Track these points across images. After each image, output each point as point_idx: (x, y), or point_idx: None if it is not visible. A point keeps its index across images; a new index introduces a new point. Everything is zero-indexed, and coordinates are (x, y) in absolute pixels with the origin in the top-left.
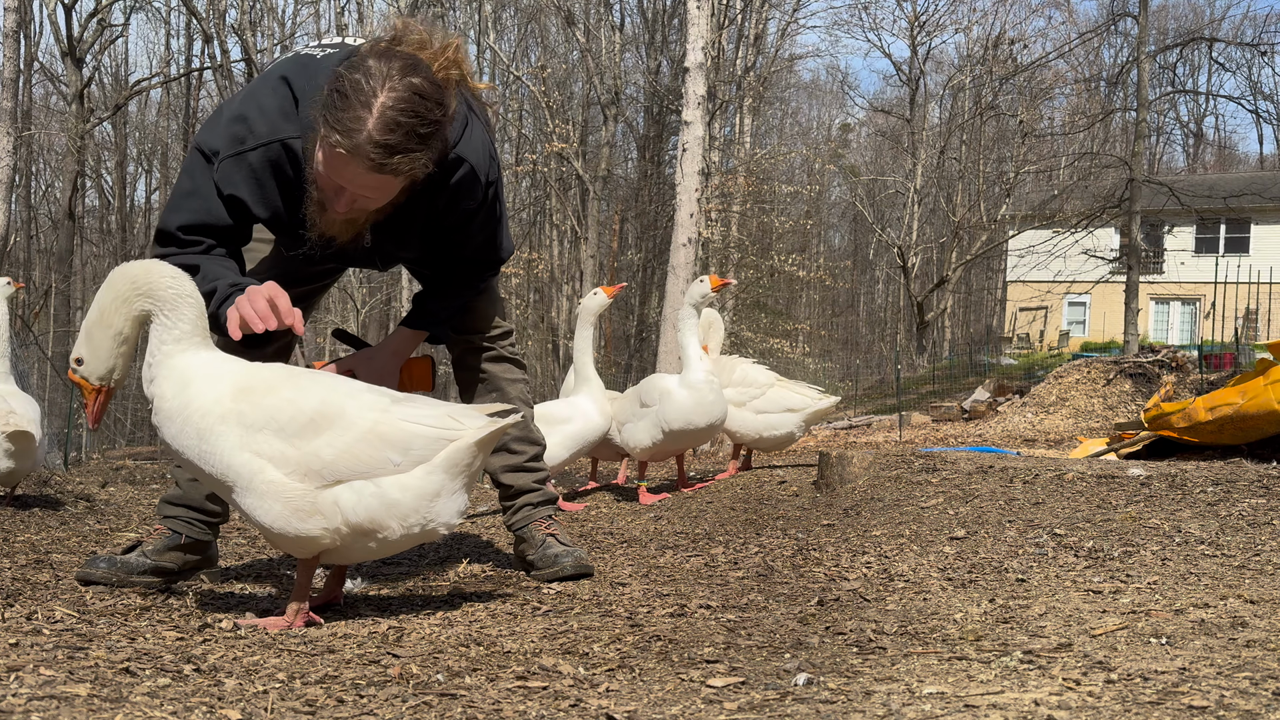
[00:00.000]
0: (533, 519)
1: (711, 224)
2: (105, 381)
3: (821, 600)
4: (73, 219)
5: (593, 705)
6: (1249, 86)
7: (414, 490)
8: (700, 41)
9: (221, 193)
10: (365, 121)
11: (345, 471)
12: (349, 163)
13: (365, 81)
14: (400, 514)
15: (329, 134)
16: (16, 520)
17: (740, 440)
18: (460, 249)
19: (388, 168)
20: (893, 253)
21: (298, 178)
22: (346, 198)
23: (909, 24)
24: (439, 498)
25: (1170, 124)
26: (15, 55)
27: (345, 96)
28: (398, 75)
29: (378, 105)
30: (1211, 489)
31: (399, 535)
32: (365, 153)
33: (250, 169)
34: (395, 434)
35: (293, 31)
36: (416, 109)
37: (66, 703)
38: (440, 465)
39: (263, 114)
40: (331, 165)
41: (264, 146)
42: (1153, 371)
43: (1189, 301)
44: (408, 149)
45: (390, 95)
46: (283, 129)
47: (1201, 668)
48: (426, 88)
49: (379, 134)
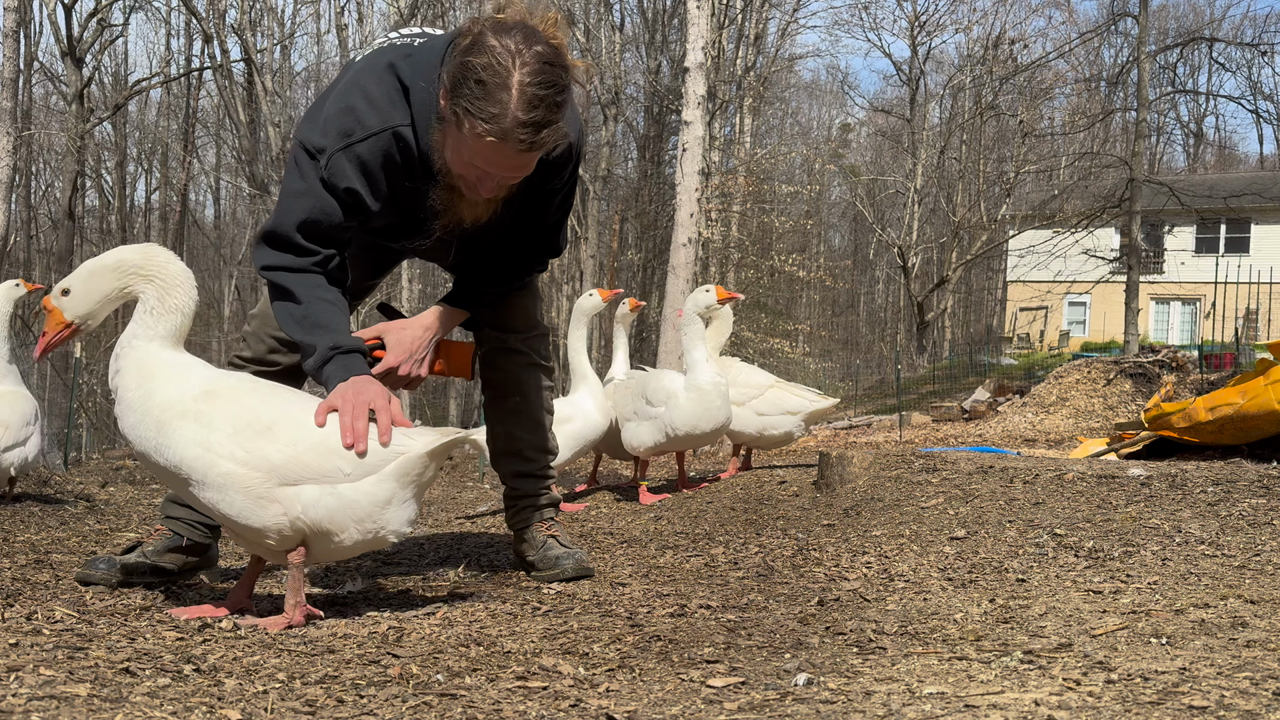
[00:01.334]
0: (535, 520)
1: (711, 224)
2: (79, 321)
3: (821, 600)
4: (73, 219)
5: (593, 705)
6: (1249, 86)
7: (368, 495)
8: (700, 41)
9: (335, 188)
10: (508, 104)
11: (293, 477)
12: (498, 148)
13: (496, 62)
14: (356, 516)
15: (474, 124)
16: (16, 520)
17: (740, 440)
18: (530, 228)
19: (537, 145)
20: (893, 253)
21: (408, 169)
22: (492, 181)
23: (909, 24)
24: (390, 505)
25: (1170, 124)
26: (15, 55)
27: (482, 84)
28: (525, 47)
29: (515, 84)
30: (1212, 489)
31: (355, 539)
32: (515, 136)
33: (360, 161)
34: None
35: (292, 31)
36: (550, 78)
37: (66, 703)
38: (392, 474)
39: (371, 104)
40: (479, 154)
41: (374, 136)
42: (1153, 371)
43: (1189, 301)
44: (550, 121)
45: (524, 71)
46: (392, 117)
47: (1202, 668)
48: (550, 53)
49: (524, 114)
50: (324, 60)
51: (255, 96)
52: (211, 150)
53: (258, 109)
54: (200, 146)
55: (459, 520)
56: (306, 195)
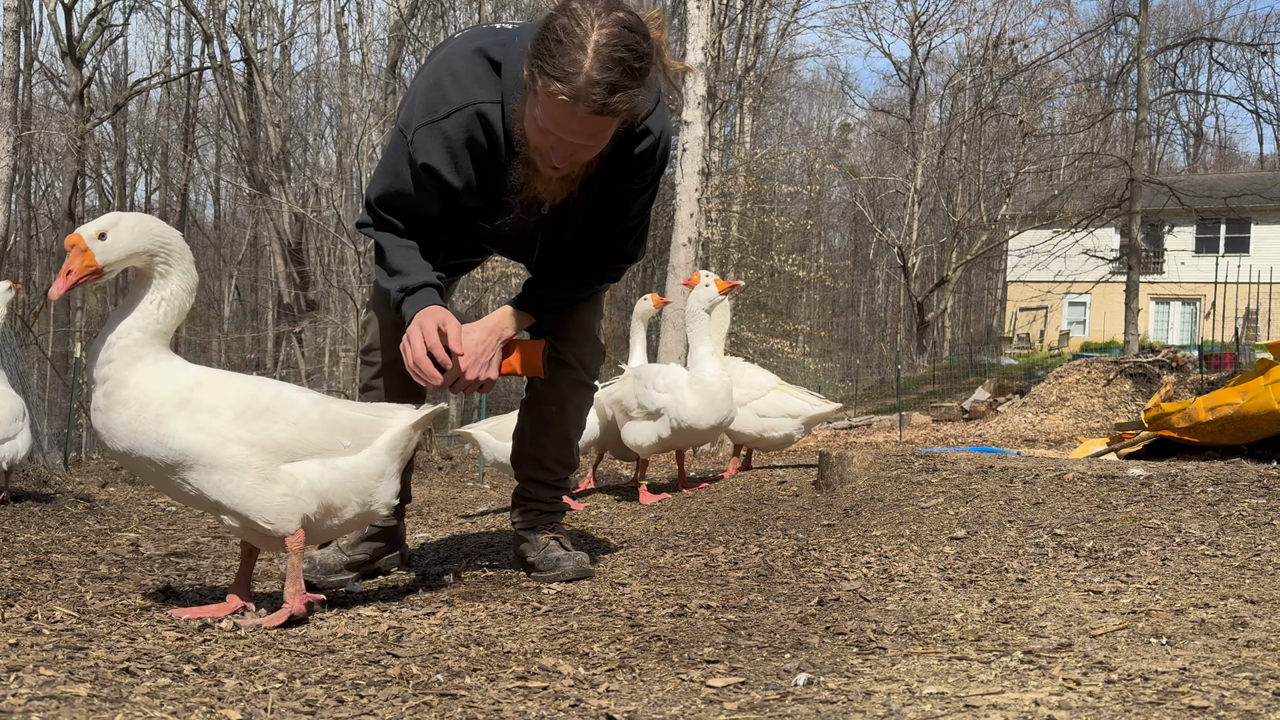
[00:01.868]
0: (539, 524)
1: (711, 224)
2: (106, 268)
3: (821, 600)
4: (73, 219)
5: (593, 705)
6: (1249, 86)
7: (365, 467)
8: (700, 41)
9: (415, 162)
10: (582, 63)
11: (300, 453)
12: (570, 109)
13: (575, 24)
14: (357, 488)
15: (548, 82)
16: (16, 520)
17: (740, 440)
18: (607, 227)
19: (609, 108)
20: (893, 253)
21: (492, 146)
22: (564, 150)
23: (909, 24)
24: (383, 478)
25: (1170, 124)
26: (15, 55)
27: (559, 42)
28: (605, 12)
29: (592, 44)
30: (1212, 489)
31: (354, 512)
32: (587, 94)
33: (445, 136)
34: (344, 420)
35: (292, 31)
36: (628, 43)
37: (66, 703)
38: (383, 447)
39: (456, 81)
40: (551, 115)
41: (458, 112)
42: (1153, 371)
43: (1189, 301)
44: (625, 85)
45: (602, 33)
46: (477, 94)
47: (1202, 668)
48: (632, 20)
49: (598, 73)
50: (324, 60)
51: (255, 96)
52: (211, 150)
53: (258, 109)
54: (200, 146)
55: (459, 520)
56: (387, 173)
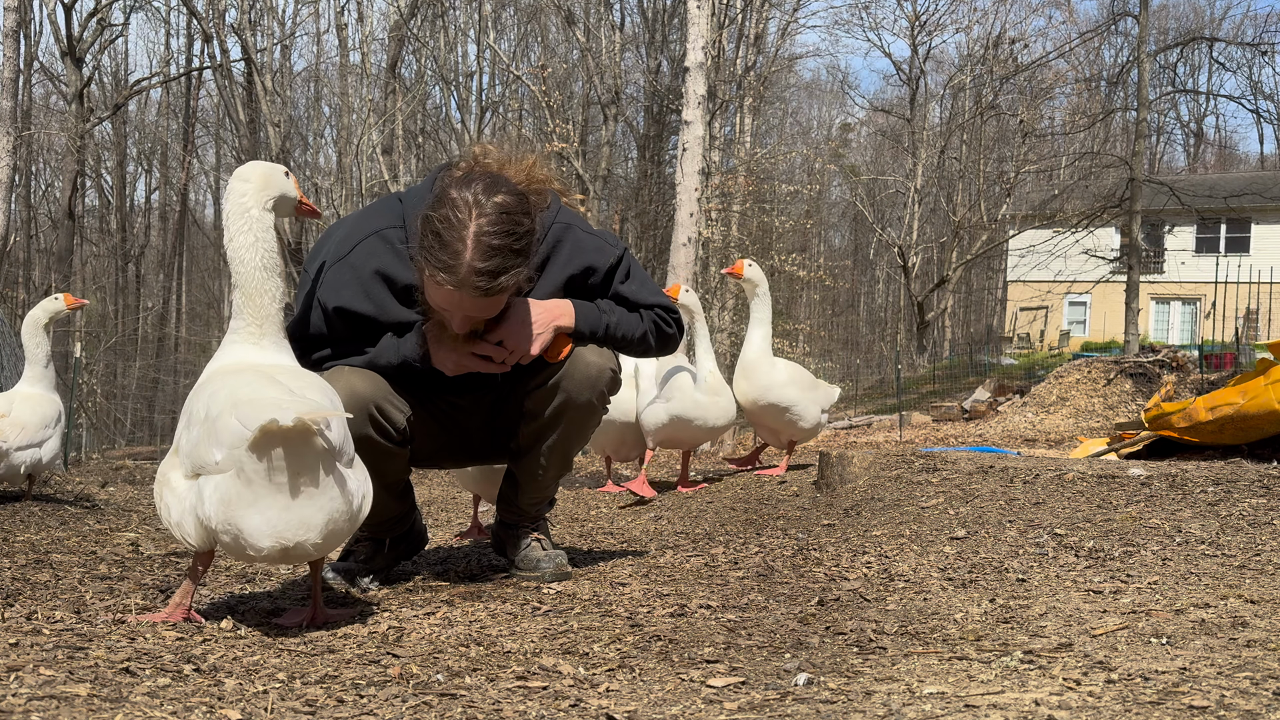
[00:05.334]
0: (522, 523)
1: (711, 224)
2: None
3: (822, 600)
4: (72, 219)
5: (593, 705)
6: (1249, 86)
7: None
8: (700, 41)
9: (326, 306)
10: (462, 255)
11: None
12: (455, 294)
13: (454, 215)
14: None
15: (433, 273)
16: (16, 520)
17: (791, 433)
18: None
19: (494, 290)
20: (893, 252)
21: (403, 266)
22: (460, 319)
23: (909, 23)
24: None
25: (1171, 124)
26: (15, 55)
27: (438, 235)
28: (484, 198)
29: (470, 235)
30: (1212, 489)
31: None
32: (471, 283)
33: (353, 268)
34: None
35: (292, 31)
36: (507, 227)
37: (66, 703)
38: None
39: (358, 223)
40: (440, 300)
41: (362, 241)
42: (1153, 371)
43: (1189, 301)
44: (508, 267)
45: (479, 222)
46: (379, 223)
47: (1202, 668)
48: (511, 202)
49: (480, 262)
50: (324, 60)
51: (255, 96)
52: (211, 150)
53: (257, 109)
54: (200, 146)
55: (459, 521)
56: (300, 324)
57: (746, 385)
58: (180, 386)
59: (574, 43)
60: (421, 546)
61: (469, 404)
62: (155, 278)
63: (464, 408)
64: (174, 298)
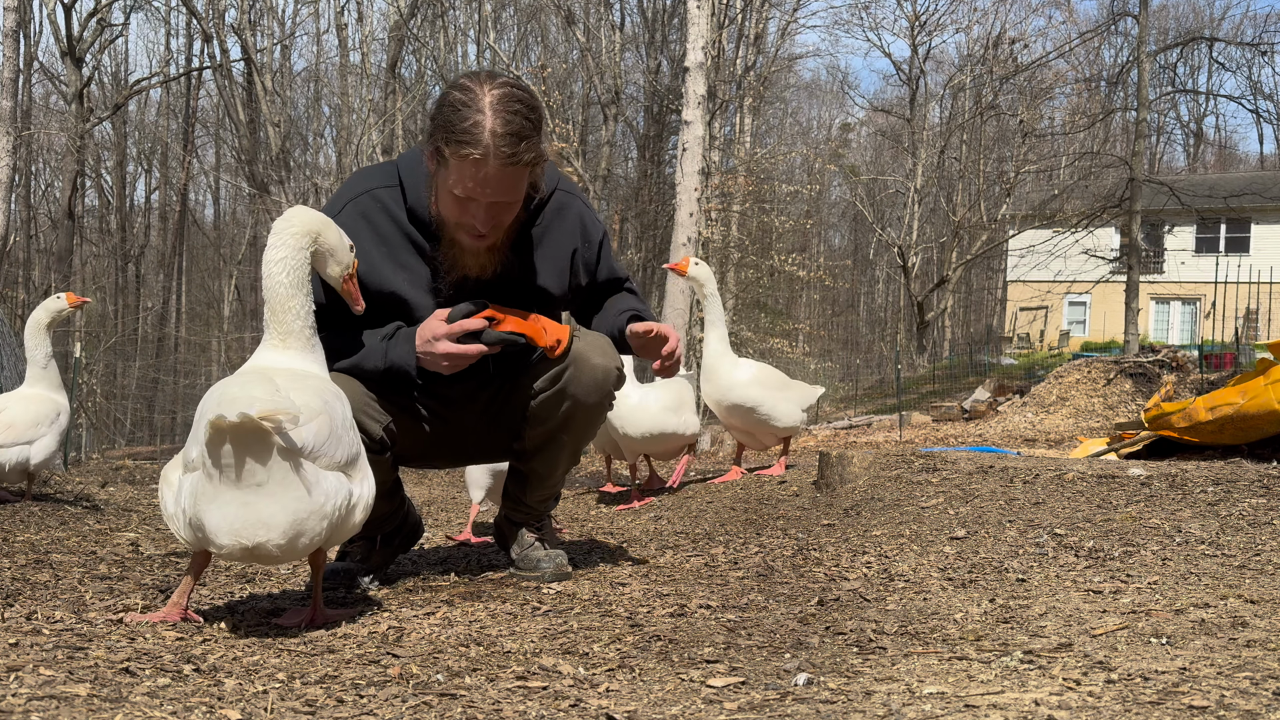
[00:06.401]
0: (529, 521)
1: (711, 224)
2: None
3: (821, 600)
4: (72, 219)
5: (593, 705)
6: (1249, 86)
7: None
8: (700, 41)
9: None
10: (484, 123)
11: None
12: (481, 166)
13: (466, 93)
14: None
15: (456, 148)
16: (16, 520)
17: (787, 434)
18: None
19: (517, 157)
20: (893, 252)
21: (393, 225)
22: (485, 215)
23: (909, 23)
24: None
25: (1170, 124)
26: (15, 55)
27: (457, 110)
28: (489, 80)
29: (487, 105)
30: (1212, 489)
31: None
32: (496, 148)
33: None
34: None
35: (292, 31)
36: (519, 97)
37: (66, 703)
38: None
39: (348, 185)
40: (465, 179)
41: (351, 201)
42: (1153, 371)
43: (1189, 301)
44: (527, 134)
45: (493, 94)
46: (370, 184)
47: (1202, 668)
48: (515, 79)
49: (501, 126)
50: (324, 60)
51: (255, 96)
52: (211, 150)
53: (257, 109)
54: (200, 146)
55: (459, 521)
56: None
57: (709, 388)
58: (180, 386)
59: (574, 43)
60: (418, 537)
61: (459, 396)
62: (155, 278)
63: (455, 400)
64: (174, 298)
